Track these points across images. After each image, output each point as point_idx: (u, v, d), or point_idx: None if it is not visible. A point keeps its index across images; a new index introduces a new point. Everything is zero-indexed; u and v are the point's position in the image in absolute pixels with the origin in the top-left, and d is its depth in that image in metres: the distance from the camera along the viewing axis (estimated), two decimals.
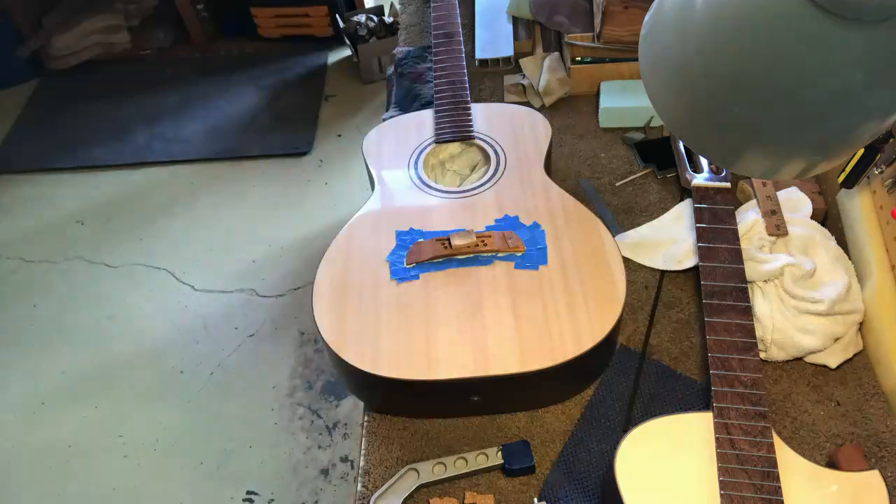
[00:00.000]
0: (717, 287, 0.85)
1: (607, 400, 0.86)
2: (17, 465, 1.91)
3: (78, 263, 2.38)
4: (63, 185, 2.66)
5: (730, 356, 0.79)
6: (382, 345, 0.81)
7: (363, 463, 0.83)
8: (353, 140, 2.59)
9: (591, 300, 0.83)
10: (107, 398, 2.02)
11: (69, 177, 2.68)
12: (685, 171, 1.00)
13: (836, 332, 0.85)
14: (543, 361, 0.78)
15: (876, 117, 0.54)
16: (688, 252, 0.96)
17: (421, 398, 0.84)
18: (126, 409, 2.00)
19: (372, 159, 1.06)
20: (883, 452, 0.79)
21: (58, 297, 2.29)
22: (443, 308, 0.84)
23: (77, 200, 2.59)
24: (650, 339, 0.91)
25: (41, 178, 2.70)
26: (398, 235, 0.93)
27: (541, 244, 0.90)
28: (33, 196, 2.64)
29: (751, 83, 0.53)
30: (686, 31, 0.57)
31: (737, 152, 0.61)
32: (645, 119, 1.18)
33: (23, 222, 2.54)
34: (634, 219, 1.05)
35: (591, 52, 1.23)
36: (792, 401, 0.84)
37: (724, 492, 0.70)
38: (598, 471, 0.80)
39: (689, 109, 0.60)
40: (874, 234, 0.89)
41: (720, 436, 0.74)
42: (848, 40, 0.49)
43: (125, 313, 2.20)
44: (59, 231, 2.49)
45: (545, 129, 1.07)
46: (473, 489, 0.80)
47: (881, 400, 0.83)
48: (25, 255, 2.43)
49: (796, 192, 0.99)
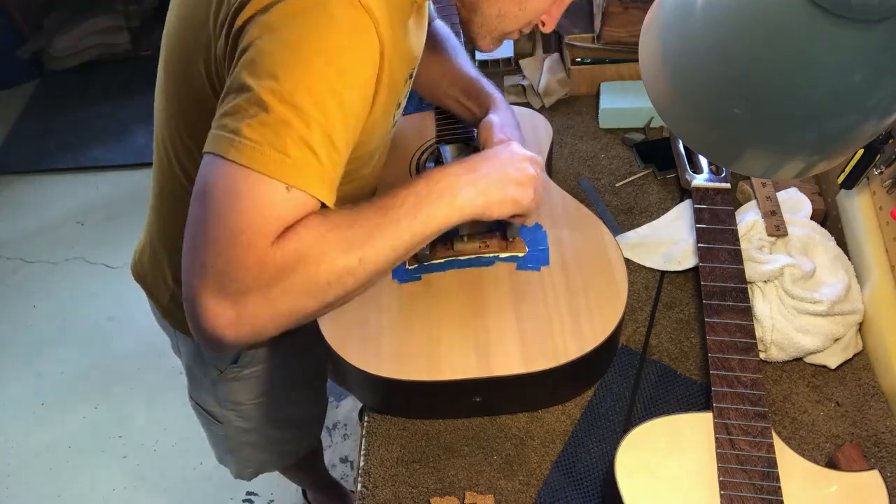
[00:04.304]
0: (716, 287, 0.85)
1: (607, 400, 0.86)
2: (17, 465, 1.91)
3: (78, 263, 2.38)
4: (63, 185, 2.66)
5: (730, 356, 0.79)
6: (384, 346, 0.81)
7: (363, 463, 0.83)
8: None
9: (594, 301, 0.83)
10: (107, 398, 2.02)
11: (69, 177, 2.68)
12: (685, 172, 1.00)
13: (835, 333, 0.85)
14: (546, 362, 0.78)
15: (875, 117, 0.54)
16: (688, 252, 0.96)
17: (423, 399, 0.84)
18: (126, 409, 2.00)
19: None
20: (883, 452, 0.79)
21: (58, 298, 2.29)
22: (445, 309, 0.84)
23: (77, 200, 2.59)
24: (650, 339, 0.91)
25: (41, 178, 2.70)
26: None
27: (542, 245, 0.90)
28: (33, 196, 2.64)
29: (751, 82, 0.53)
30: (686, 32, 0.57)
31: (737, 151, 0.61)
32: (645, 120, 1.18)
33: (23, 222, 2.54)
34: (634, 219, 1.05)
35: (590, 53, 1.23)
36: (792, 401, 0.84)
37: (724, 492, 0.70)
38: (598, 471, 0.80)
39: (689, 109, 0.60)
40: (874, 234, 0.89)
41: (720, 436, 0.74)
42: (848, 40, 0.49)
43: (125, 313, 2.20)
44: (59, 231, 2.49)
45: (546, 131, 1.07)
46: (473, 489, 0.80)
47: (881, 400, 0.84)
48: (25, 255, 2.43)
49: (796, 193, 0.99)
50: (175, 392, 1.99)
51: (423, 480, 0.81)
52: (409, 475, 0.82)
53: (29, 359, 2.14)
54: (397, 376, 0.79)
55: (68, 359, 2.12)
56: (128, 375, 2.06)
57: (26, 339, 2.20)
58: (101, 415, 1.99)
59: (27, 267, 2.40)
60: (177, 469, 1.86)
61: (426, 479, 0.81)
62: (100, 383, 2.06)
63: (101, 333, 2.17)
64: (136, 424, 1.96)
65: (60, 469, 1.89)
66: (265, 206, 0.61)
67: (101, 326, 2.19)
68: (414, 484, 0.81)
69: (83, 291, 2.29)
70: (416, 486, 0.81)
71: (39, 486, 1.87)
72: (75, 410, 2.01)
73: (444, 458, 0.83)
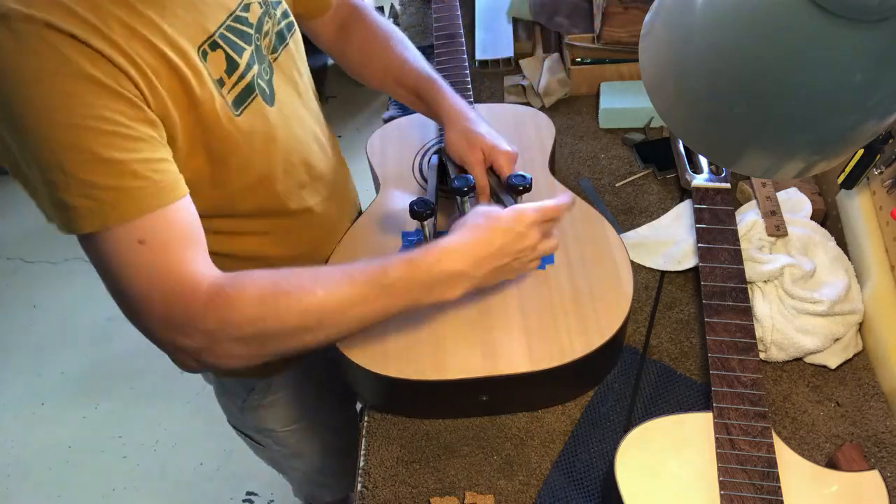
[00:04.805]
0: (716, 287, 0.85)
1: (607, 400, 0.86)
2: (17, 465, 1.91)
3: (78, 263, 2.38)
4: None
5: (730, 356, 0.79)
6: (390, 345, 0.81)
7: (363, 463, 0.83)
8: (353, 141, 2.59)
9: (599, 299, 0.83)
10: (107, 398, 2.02)
11: None
12: (685, 172, 1.00)
13: (835, 333, 0.85)
14: (552, 361, 0.79)
15: (875, 117, 0.54)
16: (688, 252, 0.96)
17: (428, 398, 0.84)
18: (126, 409, 2.00)
19: (376, 160, 1.06)
20: (883, 452, 0.79)
21: (58, 298, 2.29)
22: (450, 308, 0.84)
23: None
24: (650, 339, 0.91)
25: None
26: (404, 236, 0.93)
27: None
28: None
29: (751, 83, 0.53)
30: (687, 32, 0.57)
31: (737, 152, 0.61)
32: (645, 120, 1.18)
33: (23, 222, 2.54)
34: (634, 219, 1.05)
35: (590, 53, 1.23)
36: (792, 401, 0.84)
37: (724, 492, 0.70)
38: (598, 471, 0.80)
39: (689, 109, 0.60)
40: (874, 234, 0.89)
41: (720, 436, 0.74)
42: (848, 40, 0.49)
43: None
44: (59, 231, 2.49)
45: (549, 130, 1.07)
46: (473, 489, 0.80)
47: (881, 400, 0.84)
48: (25, 255, 2.43)
49: (796, 193, 0.99)
50: (175, 392, 1.99)
51: (423, 480, 0.81)
52: (409, 475, 0.82)
53: (29, 359, 2.14)
54: (403, 376, 0.79)
55: (68, 359, 2.12)
56: (128, 375, 2.06)
57: (26, 339, 2.20)
58: (101, 415, 2.00)
59: (27, 267, 2.40)
60: (177, 469, 1.86)
61: (426, 479, 0.81)
62: (100, 383, 2.06)
63: (101, 333, 2.17)
64: (136, 424, 1.96)
65: (60, 469, 1.89)
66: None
67: (101, 326, 2.19)
68: (414, 484, 0.81)
69: (83, 291, 2.29)
70: (416, 486, 0.81)
71: (39, 486, 1.87)
72: (75, 410, 2.01)
73: (444, 458, 0.83)
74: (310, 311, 0.67)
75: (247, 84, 0.75)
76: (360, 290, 0.69)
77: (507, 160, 0.89)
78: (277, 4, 0.84)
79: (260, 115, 0.77)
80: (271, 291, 0.66)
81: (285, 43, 0.84)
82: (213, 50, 0.71)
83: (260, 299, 0.66)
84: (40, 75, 0.58)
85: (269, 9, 0.81)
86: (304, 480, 1.30)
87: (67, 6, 0.59)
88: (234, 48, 0.74)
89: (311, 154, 0.87)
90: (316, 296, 0.67)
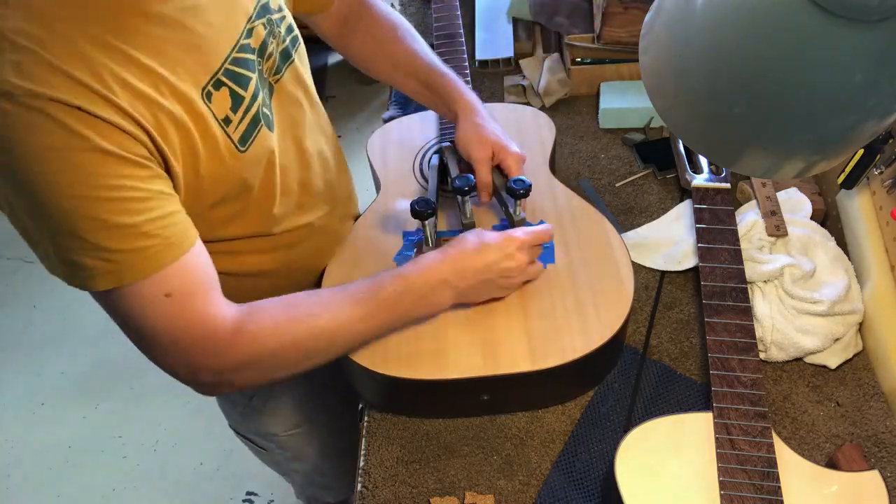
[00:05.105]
0: (716, 287, 0.85)
1: (607, 400, 0.86)
2: (17, 465, 1.91)
3: None
4: None
5: (730, 356, 0.79)
6: (391, 344, 0.81)
7: (363, 463, 0.83)
8: (353, 141, 2.59)
9: (600, 298, 0.84)
10: (107, 398, 2.03)
11: None
12: (685, 172, 1.00)
13: (835, 333, 0.85)
14: (554, 360, 0.79)
15: (875, 117, 0.54)
16: (688, 252, 0.96)
17: (429, 398, 0.84)
18: (126, 409, 2.00)
19: (377, 160, 1.06)
20: (883, 452, 0.79)
21: (58, 298, 2.29)
22: (451, 308, 0.84)
23: None
24: (650, 339, 0.91)
25: None
26: (405, 236, 0.93)
27: (548, 243, 0.90)
28: None
29: (751, 83, 0.53)
30: (687, 32, 0.57)
31: (737, 151, 0.61)
32: (645, 120, 1.18)
33: None
34: (634, 219, 1.05)
35: (590, 53, 1.23)
36: (792, 401, 0.84)
37: (724, 492, 0.70)
38: (598, 471, 0.80)
39: (689, 109, 0.60)
40: (874, 234, 0.89)
41: (720, 436, 0.74)
42: (848, 40, 0.49)
43: None
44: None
45: (550, 130, 1.07)
46: (473, 489, 0.80)
47: (881, 400, 0.84)
48: (25, 255, 2.43)
49: (796, 193, 0.99)
50: (175, 392, 1.98)
51: (423, 480, 0.81)
52: (409, 475, 0.82)
53: (29, 359, 2.14)
54: (404, 375, 0.79)
55: (68, 359, 2.12)
56: (128, 375, 2.06)
57: (26, 338, 2.20)
58: (101, 415, 2.00)
59: (27, 267, 2.40)
60: (177, 469, 1.86)
61: (426, 479, 0.81)
62: (100, 383, 2.06)
63: (101, 333, 2.17)
64: (136, 424, 1.96)
65: (60, 469, 1.89)
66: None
67: (102, 326, 2.19)
68: (414, 484, 0.81)
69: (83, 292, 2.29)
70: (416, 486, 0.81)
71: (39, 485, 1.87)
72: (75, 410, 2.01)
73: (444, 458, 0.83)
74: (321, 334, 0.74)
75: (252, 116, 0.74)
76: (361, 309, 0.75)
77: (515, 161, 0.90)
78: (281, 21, 0.81)
79: (263, 144, 0.76)
80: (285, 321, 0.72)
81: (290, 60, 0.82)
82: (217, 89, 0.69)
83: (277, 330, 0.71)
84: (49, 153, 0.58)
85: (274, 27, 0.79)
86: (306, 483, 1.31)
87: (67, 73, 0.58)
88: (239, 81, 0.72)
89: (312, 174, 0.86)
90: (324, 319, 0.74)
